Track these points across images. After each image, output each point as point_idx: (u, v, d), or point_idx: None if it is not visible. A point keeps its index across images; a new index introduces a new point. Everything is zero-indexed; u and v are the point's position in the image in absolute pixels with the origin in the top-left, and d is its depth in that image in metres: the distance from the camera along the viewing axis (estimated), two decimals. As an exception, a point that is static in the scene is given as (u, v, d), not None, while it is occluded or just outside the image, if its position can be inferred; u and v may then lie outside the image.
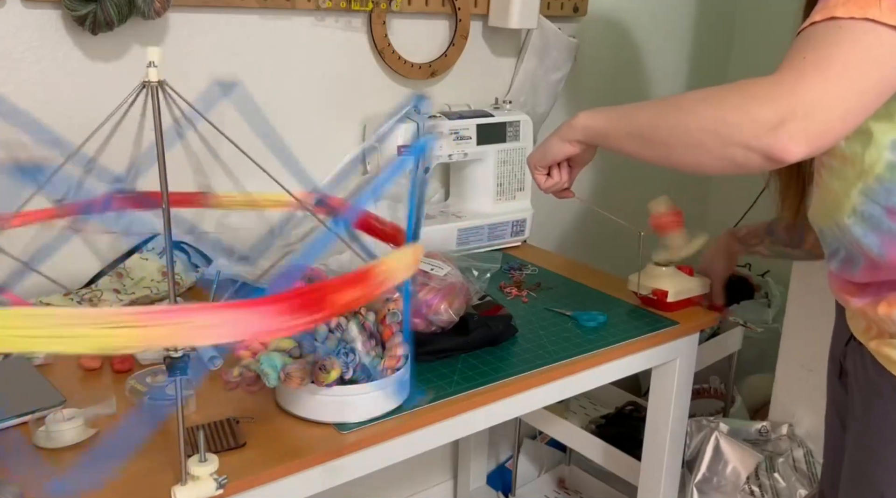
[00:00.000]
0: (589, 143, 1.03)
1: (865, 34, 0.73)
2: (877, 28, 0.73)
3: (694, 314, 1.32)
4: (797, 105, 0.74)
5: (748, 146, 0.77)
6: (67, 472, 0.82)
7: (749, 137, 0.76)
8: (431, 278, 1.15)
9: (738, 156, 0.78)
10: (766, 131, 0.75)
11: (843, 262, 0.95)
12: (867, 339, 0.95)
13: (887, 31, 0.73)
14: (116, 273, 1.28)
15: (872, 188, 0.86)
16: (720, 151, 0.80)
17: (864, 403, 0.98)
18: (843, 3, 0.74)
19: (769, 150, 0.75)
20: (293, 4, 1.39)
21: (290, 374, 0.89)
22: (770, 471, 1.48)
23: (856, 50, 0.74)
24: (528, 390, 1.10)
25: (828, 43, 0.75)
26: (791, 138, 0.74)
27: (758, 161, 0.77)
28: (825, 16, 0.76)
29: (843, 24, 0.74)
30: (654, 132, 0.88)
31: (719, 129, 0.79)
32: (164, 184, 0.69)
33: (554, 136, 1.06)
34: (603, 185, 2.05)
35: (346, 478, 0.95)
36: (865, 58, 0.74)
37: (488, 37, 1.70)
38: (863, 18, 0.73)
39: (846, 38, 0.74)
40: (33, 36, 1.19)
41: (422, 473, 1.93)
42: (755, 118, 0.76)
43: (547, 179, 1.11)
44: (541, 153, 1.09)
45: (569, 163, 1.10)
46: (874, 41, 0.73)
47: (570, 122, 1.02)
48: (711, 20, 2.19)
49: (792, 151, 0.75)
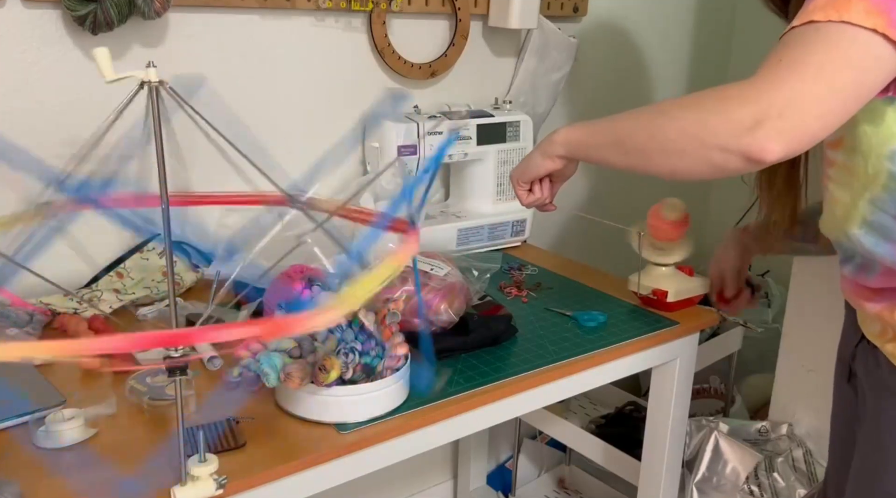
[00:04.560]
0: (570, 157, 1.02)
1: (842, 36, 0.74)
2: (854, 30, 0.73)
3: (694, 314, 1.32)
4: (773, 105, 0.74)
5: (726, 148, 0.77)
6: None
7: (726, 139, 0.77)
8: (431, 278, 1.15)
9: (716, 158, 0.78)
10: (743, 132, 0.75)
11: (858, 267, 0.95)
12: (882, 342, 0.95)
13: (864, 33, 0.73)
14: (116, 273, 1.28)
15: (880, 198, 0.86)
16: (698, 154, 0.80)
17: (875, 404, 0.98)
18: (822, 8, 0.75)
19: (747, 150, 0.76)
20: (293, 4, 1.39)
21: (290, 374, 0.89)
22: (769, 471, 1.48)
23: (831, 51, 0.74)
24: (528, 390, 1.10)
25: (805, 45, 0.75)
26: (768, 138, 0.74)
27: (736, 162, 0.77)
28: (804, 20, 0.76)
29: (820, 27, 0.75)
30: (632, 140, 0.88)
31: (697, 133, 0.79)
32: (163, 184, 0.69)
33: (535, 152, 1.06)
34: (602, 185, 2.05)
35: (346, 478, 0.95)
36: (841, 59, 0.74)
37: (488, 37, 1.70)
38: (840, 21, 0.74)
39: (823, 40, 0.74)
40: (33, 36, 1.19)
41: (422, 473, 1.93)
42: (732, 119, 0.76)
43: (529, 195, 1.11)
44: (522, 169, 1.09)
45: (550, 178, 1.10)
46: (850, 43, 0.74)
47: (551, 137, 1.02)
48: (711, 20, 2.19)
49: (769, 151, 0.75)
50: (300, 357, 0.94)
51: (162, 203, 0.70)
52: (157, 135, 0.67)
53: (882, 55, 0.74)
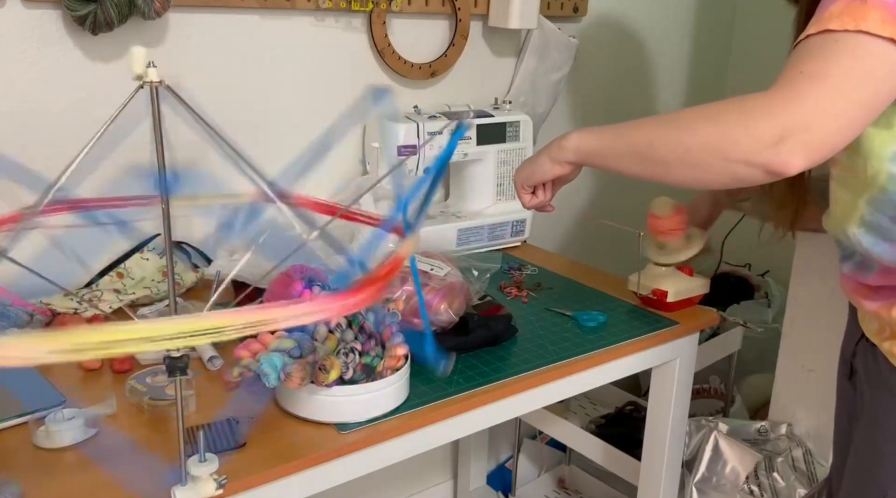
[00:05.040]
0: (580, 163, 1.02)
1: (859, 46, 0.74)
2: (870, 40, 0.74)
3: (694, 314, 1.32)
4: (795, 119, 0.75)
5: (749, 162, 0.78)
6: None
7: (750, 153, 0.77)
8: (431, 278, 1.15)
9: (739, 171, 0.79)
10: (767, 146, 0.76)
11: (856, 265, 0.95)
12: (880, 340, 0.96)
13: (881, 42, 0.73)
14: (116, 273, 1.28)
15: (878, 199, 0.86)
16: (721, 168, 0.80)
17: (872, 401, 0.98)
18: (838, 16, 0.75)
19: (770, 164, 0.76)
20: (293, 4, 1.39)
21: (290, 374, 0.89)
22: (769, 470, 1.48)
23: (850, 63, 0.74)
24: (528, 390, 1.10)
25: (823, 56, 0.75)
26: (791, 152, 0.75)
27: (759, 175, 0.78)
28: (819, 28, 0.76)
29: (837, 37, 0.75)
30: (651, 151, 0.88)
31: (720, 147, 0.80)
32: (163, 183, 0.69)
33: (543, 156, 1.04)
34: (602, 185, 2.05)
35: (346, 478, 0.95)
36: (860, 70, 0.74)
37: (488, 37, 1.70)
38: (856, 31, 0.74)
39: (841, 50, 0.75)
40: (33, 36, 1.19)
41: (422, 473, 1.93)
42: (755, 134, 0.77)
43: (532, 198, 1.10)
44: (528, 172, 1.07)
45: (552, 181, 1.09)
46: (868, 53, 0.74)
47: (561, 142, 1.01)
48: (711, 20, 2.19)
49: (792, 165, 0.76)
50: (300, 357, 0.94)
51: (162, 203, 0.70)
52: (158, 135, 0.67)
53: None
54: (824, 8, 0.77)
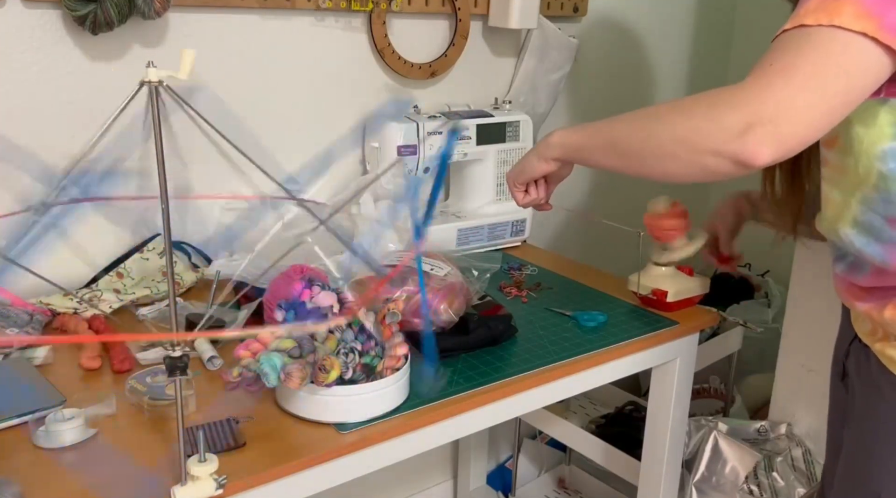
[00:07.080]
0: (566, 159, 1.04)
1: (832, 40, 0.74)
2: (844, 34, 0.74)
3: (694, 314, 1.32)
4: (764, 110, 0.75)
5: (718, 152, 0.78)
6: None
7: (718, 143, 0.78)
8: (431, 278, 1.15)
9: (708, 162, 0.80)
10: (735, 136, 0.76)
11: (849, 266, 0.95)
12: (872, 341, 0.96)
13: (854, 37, 0.74)
14: (116, 273, 1.28)
15: (871, 198, 0.86)
16: (690, 158, 0.81)
17: (864, 402, 0.98)
18: (813, 11, 0.75)
19: (738, 154, 0.77)
20: (293, 4, 1.39)
21: (290, 374, 0.89)
22: (769, 470, 1.48)
23: (822, 56, 0.75)
24: (528, 390, 1.10)
25: (795, 50, 0.76)
26: (759, 143, 0.75)
27: (728, 166, 0.78)
28: (795, 24, 0.77)
29: (811, 31, 0.75)
30: (626, 144, 0.89)
31: (689, 137, 0.80)
32: (163, 184, 0.69)
33: (532, 154, 1.08)
34: (601, 184, 2.05)
35: (346, 478, 0.95)
36: (831, 63, 0.74)
37: (488, 37, 1.70)
38: (830, 25, 0.74)
39: (813, 44, 0.75)
40: (33, 36, 1.19)
41: (422, 473, 1.93)
42: (723, 124, 0.77)
43: (525, 196, 1.14)
44: (518, 171, 1.11)
45: (546, 179, 1.12)
46: (840, 47, 0.74)
47: (547, 139, 1.04)
48: (711, 20, 2.19)
49: (760, 155, 0.76)
50: (300, 357, 0.94)
51: (162, 203, 0.70)
52: (157, 135, 0.67)
53: (872, 59, 0.75)
54: (801, 5, 0.78)
